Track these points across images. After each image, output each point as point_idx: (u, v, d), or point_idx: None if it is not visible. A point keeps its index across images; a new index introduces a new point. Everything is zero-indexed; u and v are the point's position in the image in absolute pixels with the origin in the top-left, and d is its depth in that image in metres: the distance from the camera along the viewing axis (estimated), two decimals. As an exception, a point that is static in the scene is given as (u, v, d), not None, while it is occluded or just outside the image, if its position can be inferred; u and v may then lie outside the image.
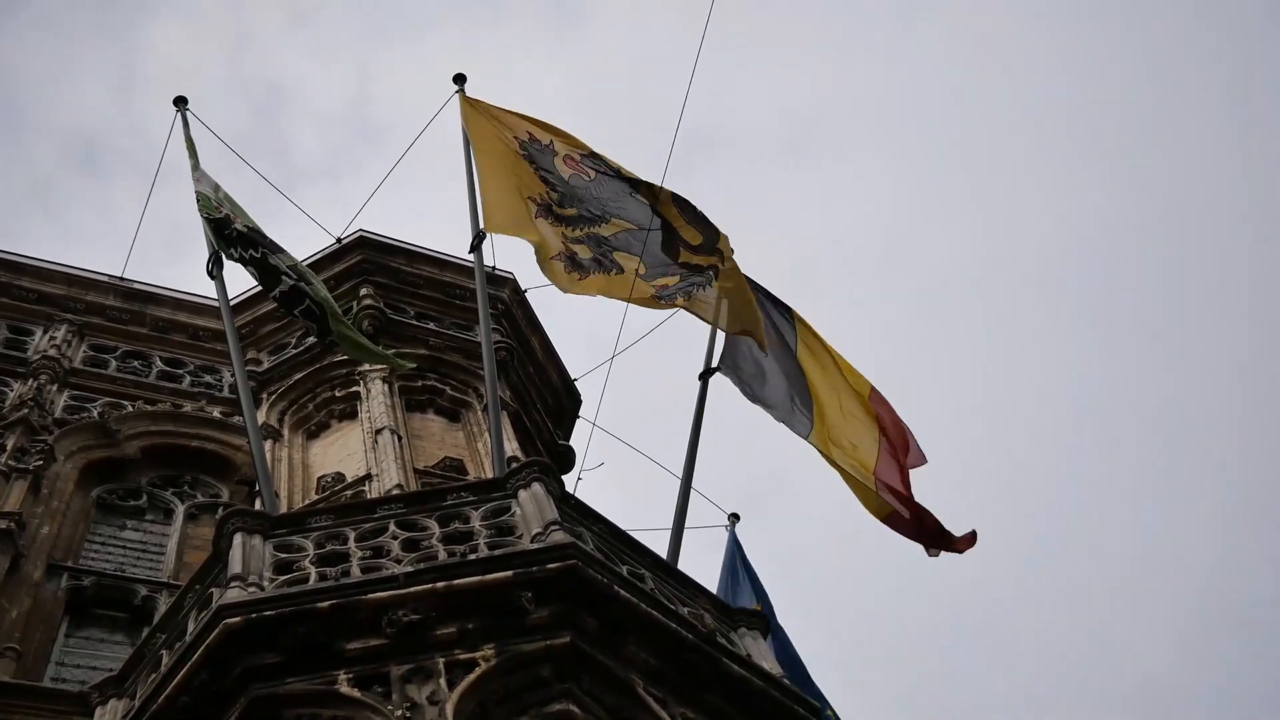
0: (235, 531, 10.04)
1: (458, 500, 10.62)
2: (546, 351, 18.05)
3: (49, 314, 16.88)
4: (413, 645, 8.89)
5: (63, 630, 11.96)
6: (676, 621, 9.77)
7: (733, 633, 10.64)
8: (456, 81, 15.08)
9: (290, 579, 9.51)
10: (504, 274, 17.37)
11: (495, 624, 9.07)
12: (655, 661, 9.37)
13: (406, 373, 15.38)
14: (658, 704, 9.10)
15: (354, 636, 8.93)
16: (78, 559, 12.91)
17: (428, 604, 9.07)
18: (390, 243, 17.70)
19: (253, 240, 13.15)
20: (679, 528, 12.45)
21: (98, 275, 17.60)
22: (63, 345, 16.17)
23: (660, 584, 10.43)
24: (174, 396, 15.94)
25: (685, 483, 12.85)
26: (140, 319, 17.25)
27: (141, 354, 16.79)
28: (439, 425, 15.11)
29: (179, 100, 15.68)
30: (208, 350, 16.96)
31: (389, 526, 10.24)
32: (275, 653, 8.82)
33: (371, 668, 8.77)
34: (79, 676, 11.24)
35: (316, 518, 10.57)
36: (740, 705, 9.68)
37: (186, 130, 15.37)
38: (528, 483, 10.54)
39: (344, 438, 14.57)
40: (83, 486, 13.96)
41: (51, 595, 12.19)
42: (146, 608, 12.34)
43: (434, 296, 17.36)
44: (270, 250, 13.02)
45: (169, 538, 13.72)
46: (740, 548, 16.88)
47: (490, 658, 8.85)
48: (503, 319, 17.06)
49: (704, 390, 13.40)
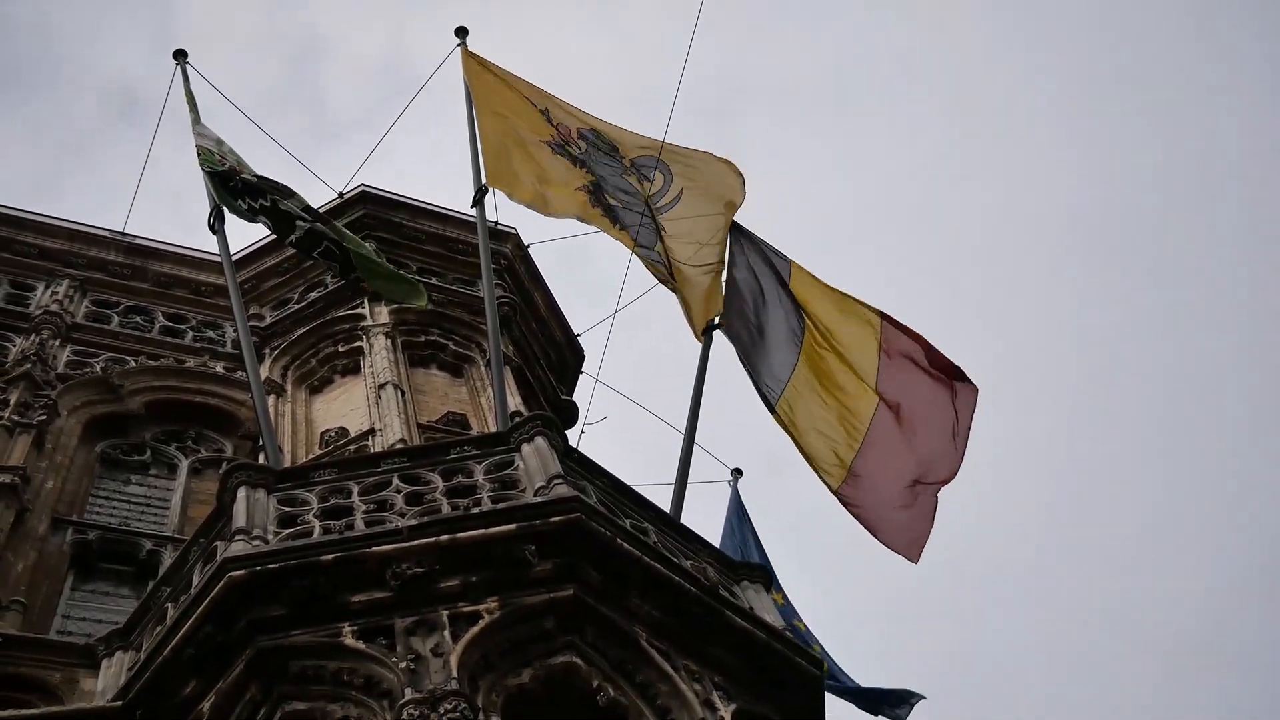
0: (239, 485, 10.06)
1: (461, 454, 10.63)
2: (549, 306, 18.01)
3: (51, 269, 16.84)
4: (417, 598, 8.93)
5: (68, 584, 12.01)
6: (680, 575, 9.80)
7: (735, 586, 10.68)
8: (458, 35, 14.99)
9: (294, 532, 9.54)
10: (506, 229, 17.30)
11: (499, 577, 9.11)
12: (658, 614, 9.42)
13: (410, 328, 15.39)
14: (661, 656, 9.15)
15: (358, 589, 8.97)
16: (82, 513, 12.95)
17: (431, 557, 9.10)
18: (392, 197, 17.62)
19: (261, 189, 13.08)
20: (682, 483, 12.48)
21: (99, 230, 17.54)
22: (65, 300, 16.14)
23: (663, 537, 10.46)
24: (177, 352, 15.93)
25: (688, 438, 12.87)
26: (142, 274, 17.20)
27: (144, 309, 16.75)
28: (442, 380, 15.11)
29: (179, 54, 15.60)
30: (210, 305, 16.93)
31: (392, 480, 10.26)
32: (280, 605, 8.87)
33: (376, 620, 8.82)
34: (85, 629, 11.29)
35: (320, 472, 10.60)
36: (743, 657, 9.72)
37: (187, 84, 15.31)
38: (531, 437, 10.55)
39: (347, 392, 14.57)
40: (86, 441, 13.98)
41: (57, 549, 12.23)
42: (151, 561, 12.39)
43: (436, 251, 17.31)
44: (281, 195, 12.94)
45: (173, 492, 13.76)
46: (742, 503, 16.94)
47: (494, 610, 8.90)
48: (505, 274, 17.01)
49: (707, 345, 13.38)
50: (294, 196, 13.02)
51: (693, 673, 9.22)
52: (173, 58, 15.61)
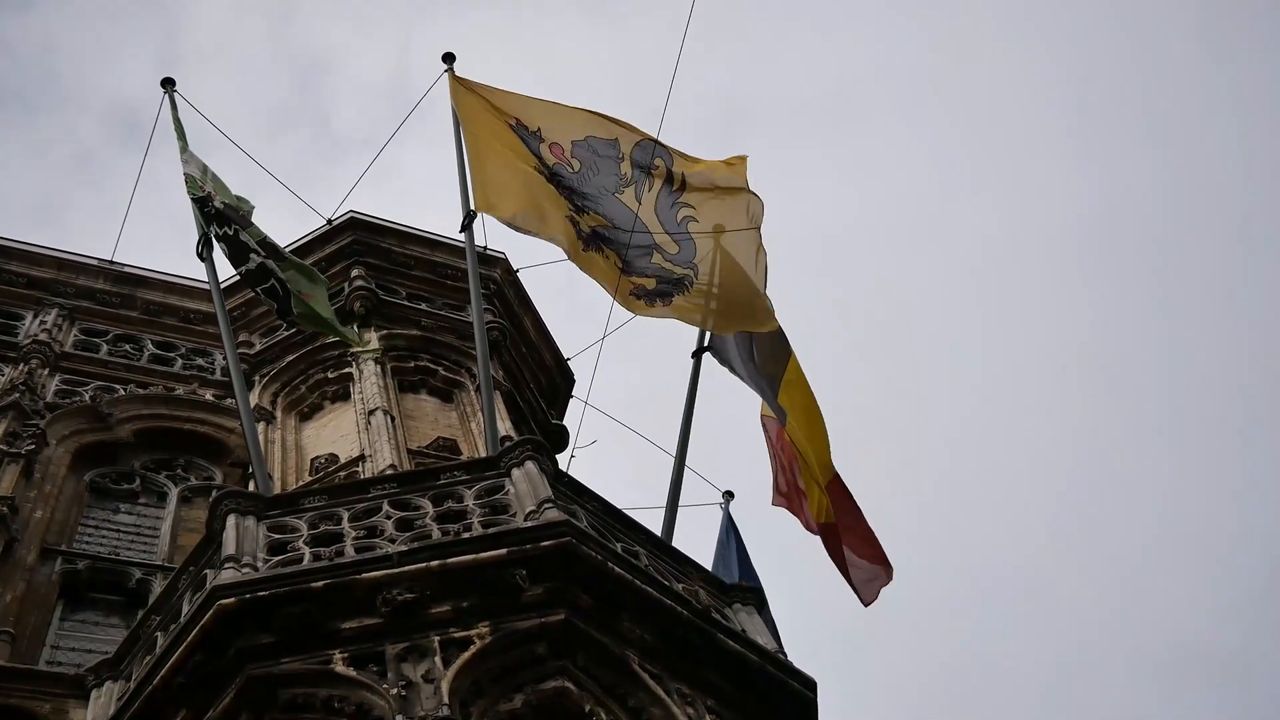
0: (229, 513, 10.03)
1: (451, 479, 10.61)
2: (539, 331, 18.02)
3: (39, 298, 16.82)
4: (408, 624, 8.89)
5: (57, 614, 11.95)
6: (671, 598, 9.78)
7: (728, 608, 10.67)
8: (445, 61, 15.00)
9: (284, 559, 9.50)
10: (495, 254, 17.31)
11: (490, 602, 9.07)
12: (651, 638, 9.38)
13: (399, 354, 15.39)
14: (654, 680, 9.11)
15: (349, 616, 8.93)
16: (71, 543, 12.90)
17: (422, 583, 9.07)
18: (381, 223, 17.62)
19: (227, 218, 13.17)
20: (673, 505, 12.48)
21: (87, 259, 17.53)
22: (53, 329, 16.13)
23: (655, 561, 10.43)
24: (166, 380, 15.91)
25: (679, 460, 12.87)
26: (131, 302, 17.19)
27: (133, 337, 16.74)
28: (432, 406, 15.09)
29: (166, 82, 15.58)
30: (199, 333, 16.92)
31: (383, 506, 10.23)
32: (270, 633, 8.82)
33: (366, 647, 8.77)
34: (74, 660, 11.23)
35: (310, 498, 10.55)
36: (736, 680, 9.70)
37: (175, 112, 15.27)
38: (521, 461, 10.53)
39: (337, 419, 14.54)
40: (75, 470, 13.94)
41: (45, 579, 12.17)
42: (141, 591, 12.34)
43: (426, 277, 17.30)
44: (242, 226, 13.02)
45: (163, 520, 13.71)
46: (734, 525, 16.89)
47: (485, 636, 8.86)
48: (495, 299, 17.01)
49: (697, 368, 13.43)
50: (251, 227, 13.12)
51: (685, 696, 9.19)
52: (160, 86, 15.60)
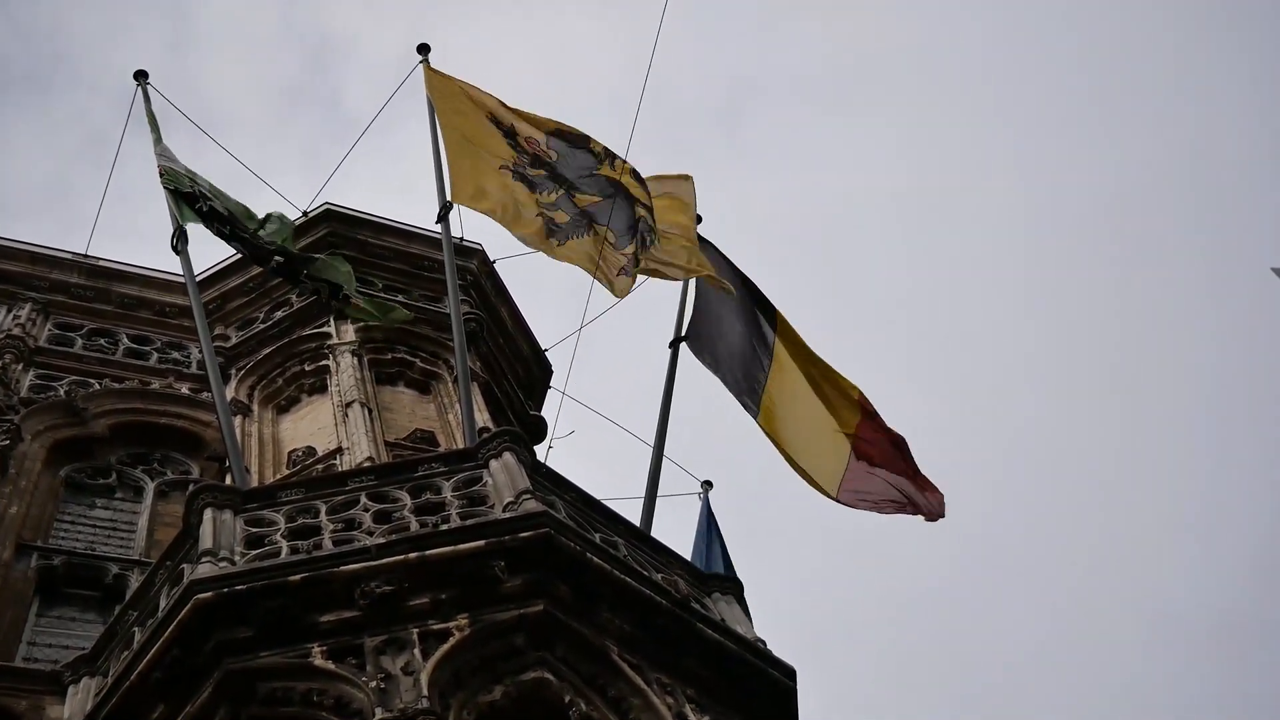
0: (205, 507, 9.99)
1: (429, 471, 10.59)
2: (516, 322, 17.99)
3: (12, 292, 16.68)
4: (386, 617, 8.88)
5: (34, 610, 11.87)
6: (650, 588, 9.80)
7: (707, 598, 10.68)
8: (420, 52, 14.95)
9: (262, 553, 9.47)
10: (472, 245, 17.27)
11: (468, 594, 9.07)
12: (630, 628, 9.40)
13: (376, 346, 15.36)
14: (633, 670, 9.13)
15: (327, 609, 8.92)
16: (47, 538, 12.81)
17: (400, 575, 9.06)
18: (356, 215, 17.56)
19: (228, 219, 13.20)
20: (652, 496, 12.49)
21: (61, 253, 17.41)
22: (27, 324, 16.00)
23: (634, 551, 10.45)
24: (141, 374, 15.81)
25: (657, 450, 12.89)
26: (106, 296, 17.07)
27: (108, 332, 16.63)
28: (409, 398, 15.07)
29: (139, 74, 15.49)
30: (175, 327, 16.79)
31: (360, 499, 10.21)
32: (248, 627, 8.81)
33: (345, 640, 8.76)
34: (51, 656, 11.17)
35: (287, 491, 10.53)
36: (715, 669, 9.72)
37: (148, 105, 15.19)
38: (499, 452, 10.52)
39: (314, 412, 14.51)
40: (51, 465, 13.84)
41: (22, 575, 12.10)
42: (118, 586, 12.27)
43: (402, 269, 17.26)
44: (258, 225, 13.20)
45: (139, 515, 13.64)
46: (713, 515, 16.91)
47: (464, 627, 8.86)
48: (471, 290, 16.97)
49: (674, 358, 13.44)
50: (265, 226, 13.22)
51: (665, 686, 9.21)
52: (133, 79, 15.51)
